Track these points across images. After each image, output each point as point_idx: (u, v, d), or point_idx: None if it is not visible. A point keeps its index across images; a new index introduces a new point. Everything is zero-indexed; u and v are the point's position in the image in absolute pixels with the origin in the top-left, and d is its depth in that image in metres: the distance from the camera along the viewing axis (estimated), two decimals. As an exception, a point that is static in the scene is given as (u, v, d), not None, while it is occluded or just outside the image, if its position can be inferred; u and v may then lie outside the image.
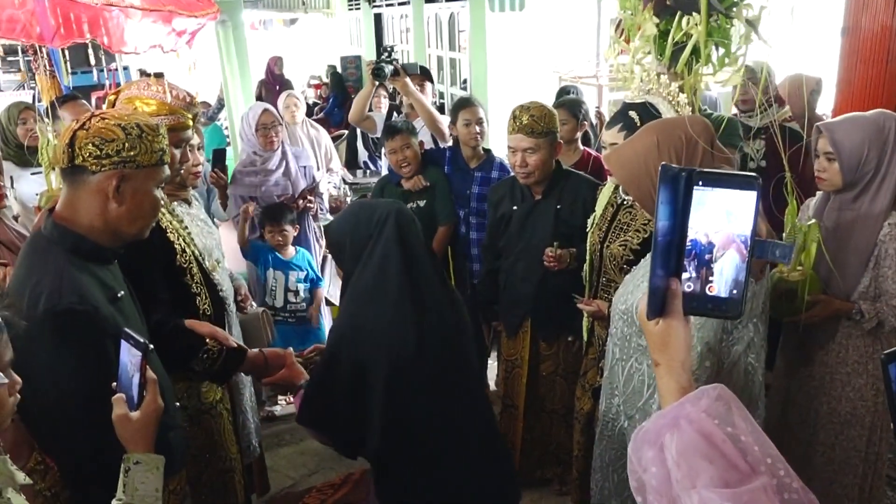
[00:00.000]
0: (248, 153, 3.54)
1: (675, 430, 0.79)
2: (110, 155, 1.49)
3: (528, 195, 2.77)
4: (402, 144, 3.30)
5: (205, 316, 2.02)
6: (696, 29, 1.98)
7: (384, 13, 9.00)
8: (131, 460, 1.32)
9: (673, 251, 0.84)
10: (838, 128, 2.07)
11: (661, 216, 0.83)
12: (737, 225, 0.81)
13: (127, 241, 1.61)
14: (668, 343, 0.87)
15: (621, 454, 1.96)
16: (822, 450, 2.22)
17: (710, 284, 0.83)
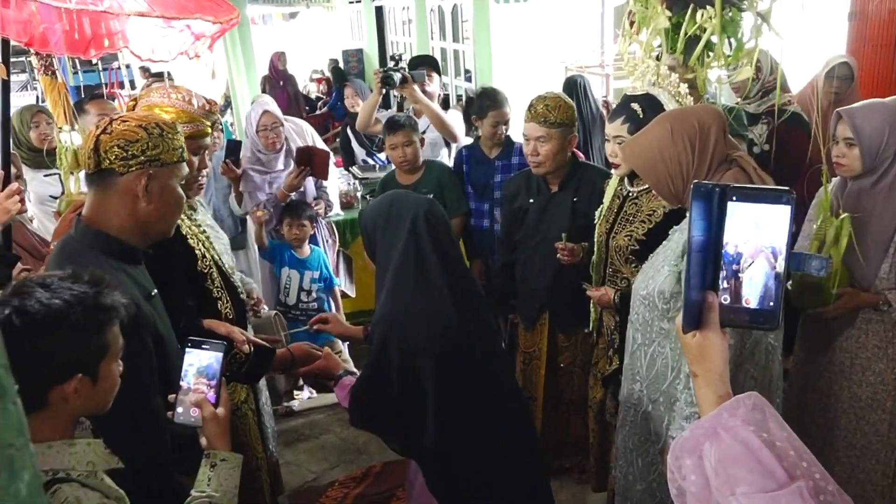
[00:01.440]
0: (251, 150, 3.51)
1: (714, 439, 0.82)
2: (136, 155, 1.53)
3: (544, 188, 2.77)
4: (404, 141, 3.29)
5: (226, 319, 2.04)
6: (711, 22, 1.99)
7: (385, 5, 8.97)
8: (218, 457, 1.39)
9: (709, 265, 0.86)
10: (858, 113, 2.08)
11: (696, 231, 0.85)
12: (772, 238, 0.83)
13: (155, 239, 1.65)
14: (704, 355, 0.89)
15: (645, 439, 1.99)
16: (843, 435, 2.24)
17: (746, 297, 0.85)
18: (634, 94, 2.25)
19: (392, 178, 3.49)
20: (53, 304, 1.14)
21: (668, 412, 1.91)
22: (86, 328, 1.16)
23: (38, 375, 1.14)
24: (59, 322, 1.13)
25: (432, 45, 7.25)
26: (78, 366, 1.17)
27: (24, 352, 1.10)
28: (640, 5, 2.16)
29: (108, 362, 1.22)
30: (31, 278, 1.19)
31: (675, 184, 1.81)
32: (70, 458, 1.17)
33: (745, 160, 1.83)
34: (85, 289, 1.18)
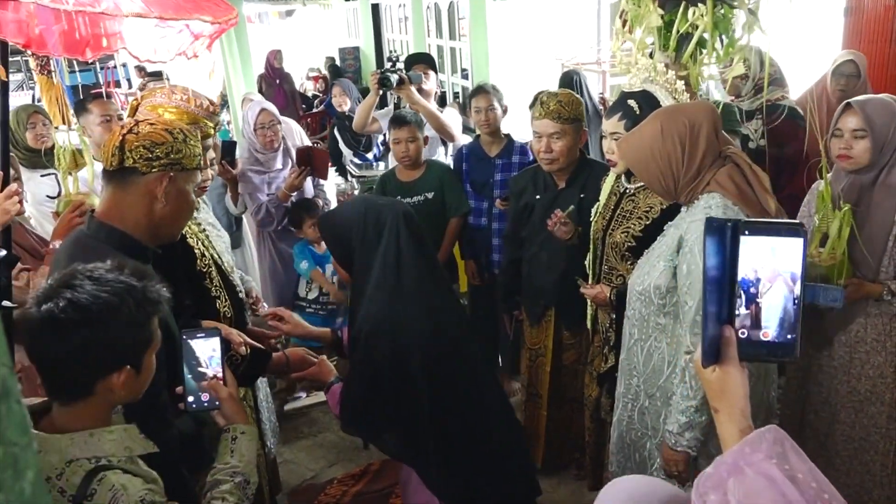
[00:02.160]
0: (249, 151, 3.50)
1: (738, 474, 0.83)
2: (160, 157, 1.59)
3: (550, 184, 2.77)
4: (409, 136, 3.29)
5: (225, 318, 2.04)
6: (703, 20, 2.00)
7: (382, 3, 8.95)
8: (238, 430, 1.47)
9: (725, 300, 0.87)
10: (869, 105, 2.08)
11: (710, 266, 0.86)
12: (787, 271, 0.84)
13: (163, 241, 1.69)
14: (725, 390, 0.89)
15: (642, 434, 2.01)
16: (842, 428, 2.25)
17: (764, 330, 0.86)
18: (631, 91, 2.26)
19: (392, 176, 3.49)
20: (105, 296, 1.16)
21: (664, 407, 1.92)
22: (136, 321, 1.19)
23: (87, 366, 1.17)
24: (113, 314, 1.16)
25: (429, 43, 7.25)
26: (127, 357, 1.20)
27: (74, 343, 1.14)
28: (632, 4, 2.17)
29: (150, 353, 1.26)
30: (79, 269, 1.20)
31: (666, 181, 1.82)
32: (110, 444, 1.20)
33: (739, 156, 1.84)
34: (133, 281, 1.21)
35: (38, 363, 1.18)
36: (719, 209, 1.76)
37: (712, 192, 1.79)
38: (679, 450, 1.81)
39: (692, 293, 1.75)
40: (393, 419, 1.84)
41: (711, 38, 2.02)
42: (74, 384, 1.19)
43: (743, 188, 1.78)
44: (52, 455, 1.16)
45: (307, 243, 3.54)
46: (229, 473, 1.41)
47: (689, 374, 1.76)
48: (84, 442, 1.18)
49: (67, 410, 1.21)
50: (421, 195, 3.37)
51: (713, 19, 2.00)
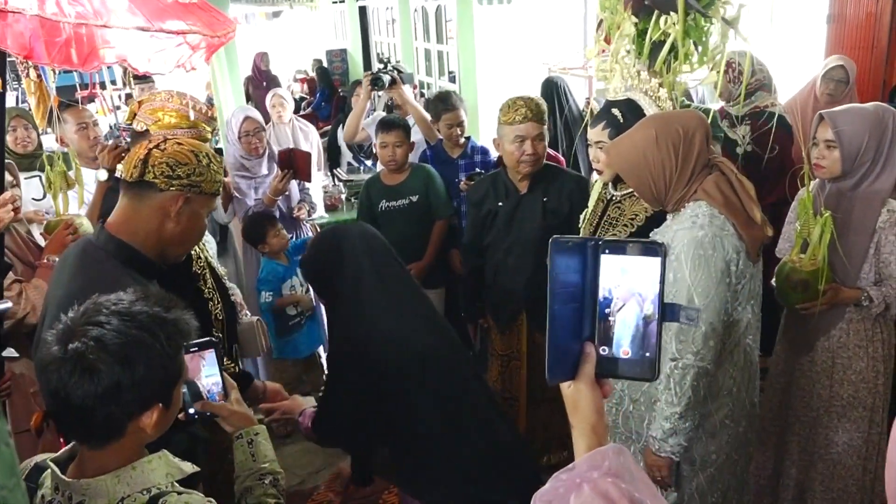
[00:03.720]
0: (234, 157, 3.50)
1: (576, 491, 0.82)
2: (181, 177, 1.60)
3: (512, 190, 2.79)
4: (396, 141, 3.31)
5: (217, 321, 2.04)
6: (674, 28, 2.02)
7: (369, 5, 8.95)
8: (251, 433, 1.47)
9: (585, 317, 0.87)
10: (840, 116, 2.11)
11: (562, 284, 0.85)
12: (645, 290, 0.84)
13: (169, 261, 1.68)
14: (577, 407, 0.89)
15: (626, 438, 2.02)
16: (824, 433, 2.28)
17: (623, 348, 0.86)
18: (615, 100, 2.28)
19: (377, 179, 3.50)
20: (135, 333, 1.10)
21: (648, 411, 1.94)
22: (167, 355, 1.13)
23: (120, 408, 1.11)
24: (145, 352, 1.10)
25: (416, 46, 7.24)
26: (159, 395, 1.15)
27: (105, 385, 1.07)
28: (608, 11, 2.19)
29: (179, 386, 1.21)
30: (101, 303, 1.14)
31: (657, 188, 1.84)
32: (152, 474, 1.17)
33: (725, 165, 1.86)
34: (162, 313, 1.15)
35: (63, 406, 1.10)
36: (706, 217, 1.78)
37: (699, 200, 1.81)
38: (662, 455, 1.83)
39: (678, 300, 1.76)
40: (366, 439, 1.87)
41: (684, 47, 2.04)
42: (106, 427, 1.13)
43: (729, 197, 1.80)
44: (98, 500, 1.12)
45: (275, 263, 3.45)
46: (257, 476, 1.41)
47: (674, 381, 1.78)
48: (130, 477, 1.14)
49: (98, 454, 1.16)
50: (406, 198, 3.39)
51: (685, 28, 2.02)
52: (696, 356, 1.76)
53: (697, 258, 1.74)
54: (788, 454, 2.39)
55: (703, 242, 1.74)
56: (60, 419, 1.13)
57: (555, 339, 0.86)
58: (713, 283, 1.74)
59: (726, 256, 1.75)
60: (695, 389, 1.77)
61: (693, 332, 1.75)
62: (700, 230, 1.76)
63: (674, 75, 2.17)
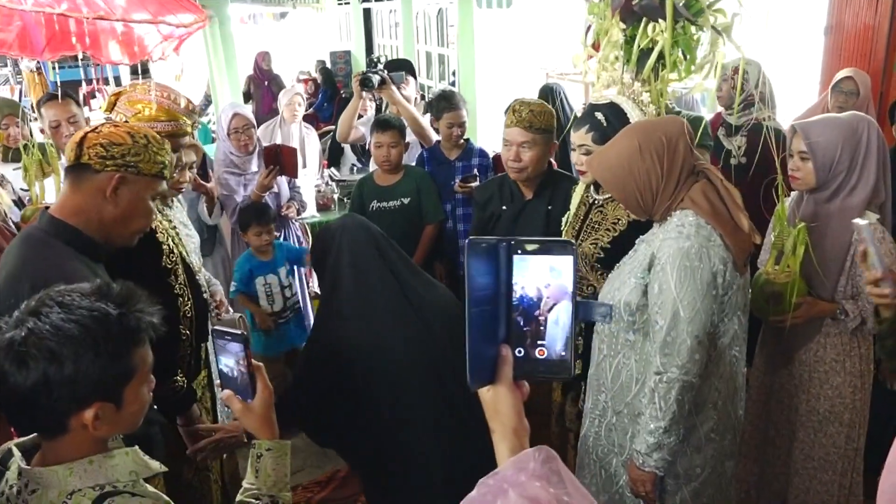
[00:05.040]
0: (224, 153, 3.49)
1: (502, 496, 0.81)
2: (115, 157, 1.59)
3: (517, 195, 2.76)
4: (391, 141, 3.29)
5: (186, 318, 2.02)
6: (662, 35, 2.00)
7: (373, 8, 8.97)
8: (262, 447, 1.35)
9: (500, 319, 0.86)
10: (813, 128, 2.09)
11: (478, 287, 0.84)
12: (558, 289, 0.84)
13: (116, 244, 1.67)
14: (498, 410, 0.88)
15: (608, 450, 2.00)
16: (802, 447, 2.25)
17: (539, 348, 0.86)
18: (598, 104, 2.26)
19: (370, 179, 3.49)
20: (68, 328, 1.05)
21: (631, 424, 1.91)
22: (109, 353, 1.08)
23: (49, 403, 1.06)
24: (75, 349, 1.05)
25: (418, 49, 7.25)
26: (99, 393, 1.09)
27: (34, 378, 1.04)
28: (597, 18, 2.18)
29: (135, 386, 1.14)
30: (52, 294, 1.10)
31: (644, 198, 1.81)
32: (112, 470, 1.13)
33: (711, 172, 1.84)
34: (110, 309, 1.09)
35: (3, 395, 1.07)
36: (692, 227, 1.75)
37: (685, 208, 1.79)
38: (646, 470, 1.80)
39: (663, 312, 1.74)
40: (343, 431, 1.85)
41: (671, 55, 2.02)
42: (45, 421, 1.11)
43: (716, 205, 1.77)
44: (50, 490, 1.09)
45: (251, 254, 3.43)
46: (253, 495, 1.33)
47: (658, 395, 1.76)
48: (84, 470, 1.10)
49: (54, 445, 1.13)
50: (398, 200, 3.38)
51: (673, 36, 2.00)
52: (681, 370, 1.73)
53: (683, 269, 1.72)
54: (770, 467, 2.37)
55: (689, 253, 1.72)
56: (5, 407, 1.11)
57: (473, 344, 0.84)
58: (699, 295, 1.71)
59: (713, 268, 1.73)
60: (679, 403, 1.75)
61: (678, 345, 1.73)
62: (686, 241, 1.73)
63: (662, 83, 2.15)
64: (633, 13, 2.05)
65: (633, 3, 1.98)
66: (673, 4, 1.95)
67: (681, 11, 1.96)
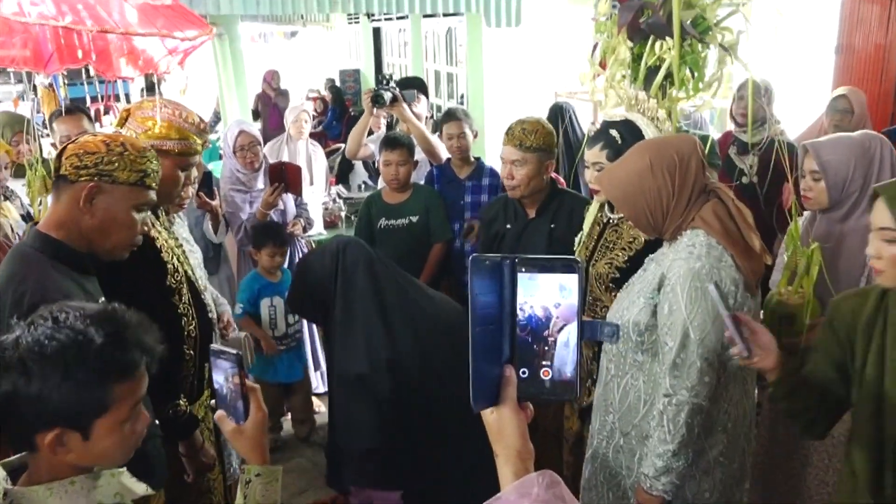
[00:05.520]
0: (230, 170, 3.49)
1: None
2: (88, 166, 1.56)
3: (521, 214, 2.75)
4: (399, 159, 3.29)
5: (190, 338, 2.00)
6: (669, 53, 1.99)
7: (383, 27, 9.04)
8: (252, 472, 1.30)
9: (505, 339, 0.84)
10: (824, 147, 2.06)
11: (482, 306, 0.82)
12: (564, 308, 0.82)
13: (104, 257, 1.64)
14: (502, 433, 0.86)
15: (616, 472, 1.96)
16: (815, 472, 2.19)
17: (544, 369, 0.83)
18: (613, 121, 2.24)
19: (378, 197, 3.48)
20: (46, 344, 1.02)
21: (639, 446, 1.87)
22: (74, 380, 1.02)
23: (18, 417, 1.04)
24: (43, 367, 1.01)
25: (426, 68, 7.28)
26: (59, 419, 1.04)
27: (7, 388, 1.02)
28: (604, 36, 2.17)
29: (110, 421, 1.07)
30: (53, 308, 1.07)
31: (654, 217, 1.79)
32: (95, 492, 1.09)
33: (723, 191, 1.81)
34: (94, 335, 1.04)
35: None
36: (703, 248, 1.72)
37: (696, 228, 1.76)
38: (654, 494, 1.75)
39: (673, 333, 1.71)
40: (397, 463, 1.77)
41: (679, 72, 2.01)
42: (12, 433, 1.07)
43: (727, 225, 1.74)
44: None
45: (258, 274, 3.39)
46: None
47: (667, 418, 1.72)
48: (65, 491, 1.06)
49: (35, 462, 1.09)
50: (405, 218, 3.36)
51: (681, 53, 1.98)
52: (691, 392, 1.69)
53: (694, 290, 1.68)
54: (777, 493, 2.30)
55: (699, 274, 1.69)
56: None
57: (477, 364, 0.83)
58: (710, 316, 1.68)
59: (724, 289, 1.69)
60: (689, 427, 1.71)
61: (688, 367, 1.69)
62: (697, 261, 1.70)
63: (670, 101, 2.14)
64: (639, 31, 2.04)
65: (640, 21, 1.98)
66: (680, 22, 1.93)
67: (687, 29, 1.94)
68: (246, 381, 1.30)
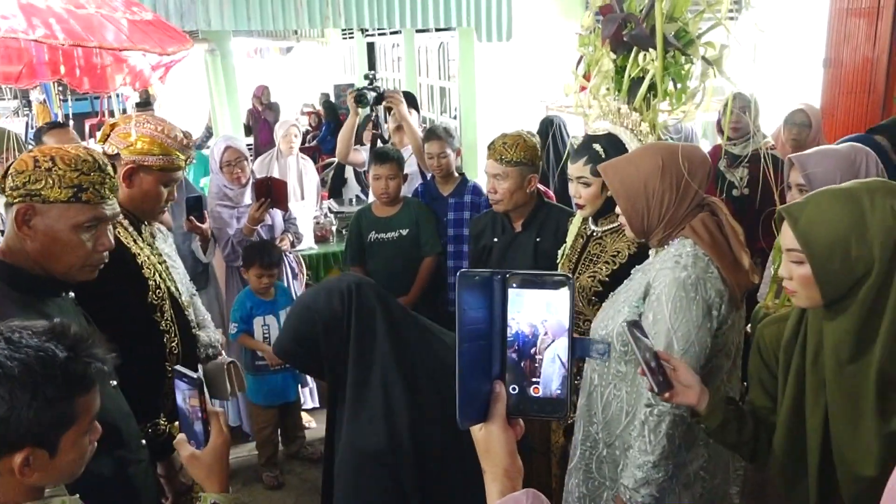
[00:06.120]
0: (218, 186, 3.48)
1: None
2: (17, 186, 1.46)
3: (507, 227, 2.76)
4: (389, 174, 3.30)
5: (172, 355, 1.98)
6: (653, 65, 1.99)
7: (377, 42, 9.07)
8: (208, 500, 1.26)
9: (494, 355, 0.83)
10: (810, 160, 2.06)
11: (470, 321, 0.81)
12: (555, 325, 0.81)
13: (65, 279, 1.55)
14: (490, 449, 0.85)
15: (599, 483, 1.94)
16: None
17: (534, 385, 0.82)
18: (596, 135, 2.24)
19: (368, 210, 3.49)
20: (9, 365, 1.00)
21: (623, 457, 1.86)
22: (43, 397, 1.01)
23: None
24: (11, 388, 0.99)
25: (420, 82, 7.31)
26: (28, 437, 1.03)
27: None
28: (587, 47, 2.18)
29: (73, 434, 1.08)
30: (2, 329, 1.05)
31: (649, 219, 1.78)
32: None
33: (718, 206, 1.80)
34: (54, 351, 1.03)
35: None
36: (689, 258, 1.71)
37: (685, 237, 1.75)
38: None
39: (656, 343, 1.69)
40: None
41: (662, 84, 2.01)
42: None
43: (717, 238, 1.73)
44: None
45: (250, 292, 3.34)
46: None
47: (648, 428, 1.70)
48: None
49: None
50: (395, 231, 3.36)
51: (664, 65, 1.99)
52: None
53: (679, 300, 1.68)
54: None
55: (685, 284, 1.68)
56: None
57: (464, 380, 0.82)
58: (694, 327, 1.67)
59: (708, 300, 1.69)
60: (670, 438, 1.69)
61: None
62: (683, 271, 1.69)
63: (653, 113, 2.14)
64: (623, 43, 2.05)
65: (623, 33, 1.98)
66: (663, 33, 1.94)
67: (670, 41, 1.95)
68: (207, 405, 1.28)
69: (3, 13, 1.78)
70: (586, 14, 2.40)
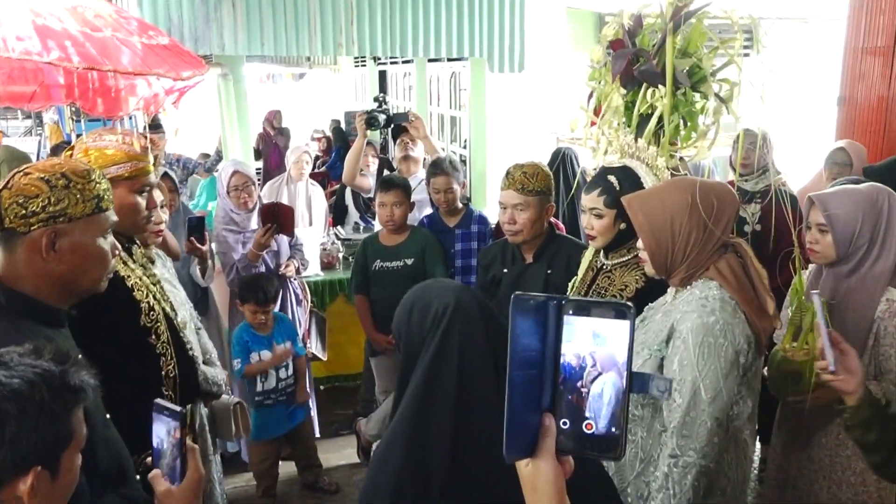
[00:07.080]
0: (224, 210, 3.46)
1: None
2: (36, 212, 1.40)
3: (518, 258, 2.73)
4: (395, 201, 3.28)
5: (169, 378, 1.93)
6: (662, 101, 1.96)
7: (389, 71, 9.13)
8: None
9: (546, 385, 0.77)
10: (831, 199, 2.02)
11: (522, 348, 0.76)
12: (613, 357, 0.75)
13: (83, 296, 1.53)
14: (537, 487, 0.79)
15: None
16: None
17: (587, 422, 0.76)
18: (611, 167, 2.22)
19: (375, 239, 3.46)
20: (14, 384, 0.99)
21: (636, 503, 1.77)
22: (51, 413, 1.02)
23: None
24: (21, 406, 0.99)
25: (431, 111, 7.32)
26: (37, 457, 1.01)
27: None
28: (597, 82, 2.16)
29: (71, 452, 1.07)
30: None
31: (673, 257, 1.72)
32: None
33: (742, 247, 1.74)
34: (49, 366, 1.04)
35: None
36: (717, 301, 1.65)
37: (709, 279, 1.69)
38: None
39: (682, 390, 1.63)
40: None
41: (671, 121, 1.98)
42: None
43: (742, 281, 1.68)
44: None
45: (248, 326, 3.27)
46: None
47: (673, 480, 1.63)
48: None
49: None
50: (401, 260, 3.33)
51: (673, 102, 1.96)
52: (699, 453, 1.60)
53: (707, 346, 1.61)
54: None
55: (713, 329, 1.62)
56: None
57: (513, 410, 0.76)
58: (722, 374, 1.61)
59: (737, 346, 1.63)
60: (695, 490, 1.62)
61: (697, 427, 1.61)
62: (711, 315, 1.63)
63: (664, 150, 2.11)
64: (632, 79, 2.02)
65: (633, 69, 1.96)
66: (673, 71, 1.91)
67: (680, 78, 1.92)
68: (186, 440, 1.25)
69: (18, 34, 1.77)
70: (596, 48, 2.38)
